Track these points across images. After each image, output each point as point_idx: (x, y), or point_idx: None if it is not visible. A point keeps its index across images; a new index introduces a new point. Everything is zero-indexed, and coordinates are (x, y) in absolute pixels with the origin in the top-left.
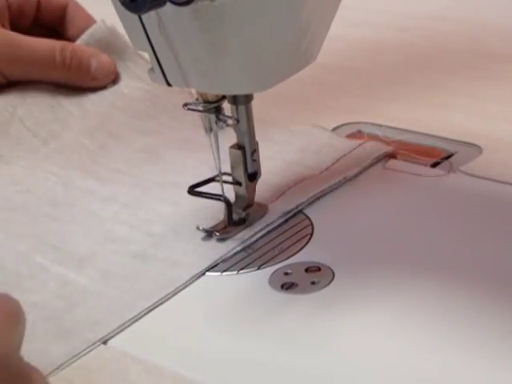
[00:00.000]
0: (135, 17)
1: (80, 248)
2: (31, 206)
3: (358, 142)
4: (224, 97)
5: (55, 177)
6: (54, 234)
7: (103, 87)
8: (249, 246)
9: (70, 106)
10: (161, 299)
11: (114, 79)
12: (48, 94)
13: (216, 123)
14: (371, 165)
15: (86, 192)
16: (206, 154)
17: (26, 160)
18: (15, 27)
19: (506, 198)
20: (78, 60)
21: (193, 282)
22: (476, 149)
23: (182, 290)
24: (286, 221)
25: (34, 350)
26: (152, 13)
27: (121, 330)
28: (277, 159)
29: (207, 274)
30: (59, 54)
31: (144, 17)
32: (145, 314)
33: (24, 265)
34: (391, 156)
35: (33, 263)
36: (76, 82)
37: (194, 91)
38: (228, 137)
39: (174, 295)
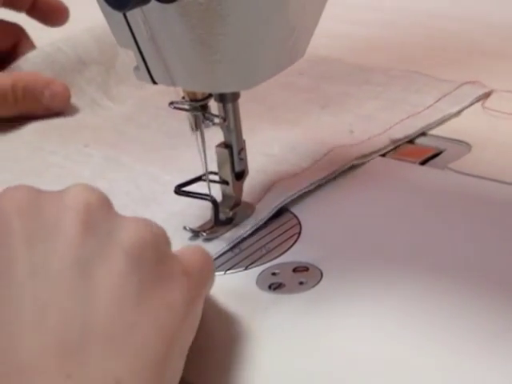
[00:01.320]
0: (120, 14)
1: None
2: (148, 138)
3: (456, 82)
4: (210, 95)
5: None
6: (176, 160)
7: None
8: (236, 246)
9: None
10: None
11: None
12: None
13: (203, 122)
14: (471, 104)
15: None
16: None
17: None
18: None
19: (495, 196)
20: (30, 94)
21: None
22: (465, 146)
23: None
24: (274, 220)
25: None
26: (137, 10)
27: None
28: (382, 98)
29: None
30: (11, 93)
31: (129, 14)
32: None
33: (156, 183)
34: (488, 95)
35: (164, 182)
36: (29, 114)
37: (180, 89)
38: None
39: None
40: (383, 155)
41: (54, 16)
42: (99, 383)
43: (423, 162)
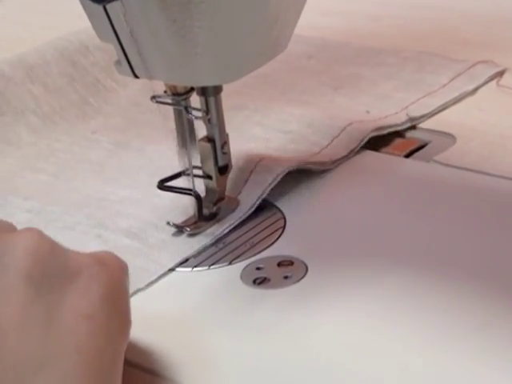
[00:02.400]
0: (100, 8)
1: None
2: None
3: (470, 62)
4: (193, 89)
5: None
6: None
7: None
8: (220, 241)
9: None
10: (130, 295)
11: None
12: None
13: (185, 115)
14: (485, 82)
15: None
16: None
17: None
18: None
19: (481, 187)
20: None
21: (163, 277)
22: (450, 138)
23: (151, 285)
24: (258, 214)
25: None
26: (117, 4)
27: None
28: (396, 79)
29: (177, 269)
30: None
31: (109, 8)
32: None
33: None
34: (502, 74)
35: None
36: None
37: (162, 83)
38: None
39: (143, 291)
40: (370, 148)
41: None
42: None
43: (408, 155)
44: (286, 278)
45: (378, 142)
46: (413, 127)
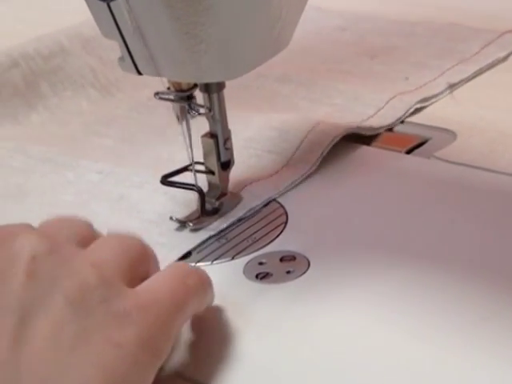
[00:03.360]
0: (104, 5)
1: None
2: None
3: (498, 31)
4: (196, 85)
5: None
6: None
7: None
8: (223, 236)
9: None
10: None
11: None
12: None
13: (188, 112)
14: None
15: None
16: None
17: None
18: None
19: (481, 183)
20: None
21: None
22: (450, 134)
23: None
24: (260, 210)
25: None
26: (121, 0)
27: None
28: (430, 47)
29: None
30: None
31: (113, 4)
32: None
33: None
34: None
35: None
36: None
37: (165, 80)
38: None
39: None
40: (368, 144)
41: None
42: None
43: (409, 151)
44: (288, 272)
45: (379, 138)
46: (413, 123)
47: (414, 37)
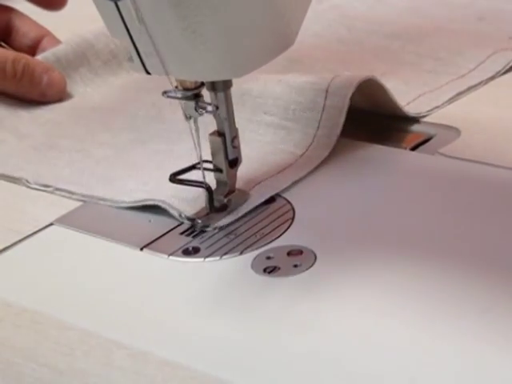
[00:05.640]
0: (112, 5)
1: None
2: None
3: None
4: (203, 83)
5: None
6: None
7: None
8: (231, 232)
9: None
10: None
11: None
12: None
13: (196, 110)
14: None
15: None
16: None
17: None
18: None
19: (485, 179)
20: (29, 73)
21: (175, 267)
22: (454, 131)
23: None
24: (267, 206)
25: None
26: (128, 0)
27: None
28: None
29: (190, 259)
30: (11, 65)
31: (121, 5)
32: None
33: None
34: None
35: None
36: (25, 94)
37: (173, 78)
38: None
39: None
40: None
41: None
42: None
43: (414, 148)
44: (295, 266)
45: (385, 135)
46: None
47: None
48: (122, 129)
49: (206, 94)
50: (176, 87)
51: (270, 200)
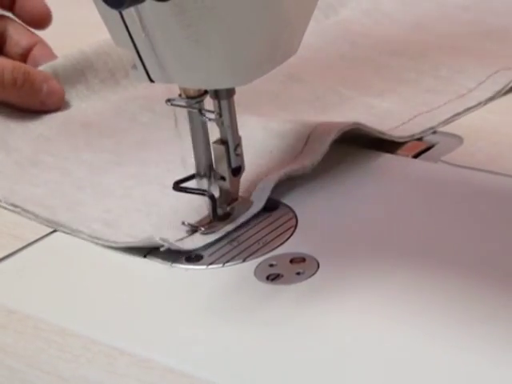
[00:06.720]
0: (116, 13)
1: None
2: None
3: None
4: (206, 91)
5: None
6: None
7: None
8: (234, 240)
9: None
10: None
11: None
12: None
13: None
14: None
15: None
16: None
17: None
18: None
19: (488, 186)
20: (29, 82)
21: (179, 275)
22: (457, 139)
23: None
24: (270, 214)
25: None
26: (132, 9)
27: None
28: None
29: (193, 267)
30: (10, 74)
31: (125, 13)
32: None
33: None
34: None
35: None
36: (25, 103)
37: (176, 87)
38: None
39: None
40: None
41: (35, 18)
42: None
43: (416, 156)
44: (298, 274)
45: (387, 143)
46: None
47: None
48: (104, 149)
49: (210, 102)
50: (180, 95)
51: (273, 207)
